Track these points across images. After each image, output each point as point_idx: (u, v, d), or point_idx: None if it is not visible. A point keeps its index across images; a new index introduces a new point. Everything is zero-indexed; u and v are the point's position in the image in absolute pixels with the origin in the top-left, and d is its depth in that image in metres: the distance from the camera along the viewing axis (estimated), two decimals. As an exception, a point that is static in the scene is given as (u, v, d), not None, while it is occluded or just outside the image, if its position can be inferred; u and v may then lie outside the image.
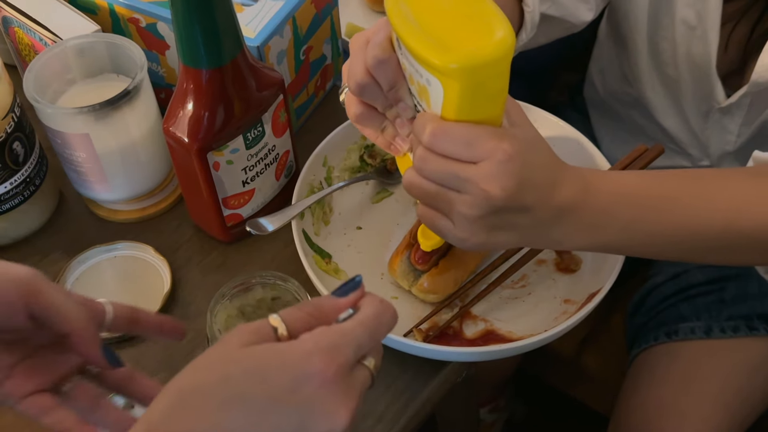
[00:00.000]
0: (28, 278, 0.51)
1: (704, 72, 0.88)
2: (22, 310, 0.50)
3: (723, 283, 0.98)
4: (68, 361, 0.55)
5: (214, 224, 0.78)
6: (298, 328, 0.45)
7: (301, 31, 0.82)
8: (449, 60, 0.50)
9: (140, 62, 0.75)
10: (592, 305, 0.70)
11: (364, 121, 0.62)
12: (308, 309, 0.47)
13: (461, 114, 0.53)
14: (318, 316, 0.46)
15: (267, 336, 0.45)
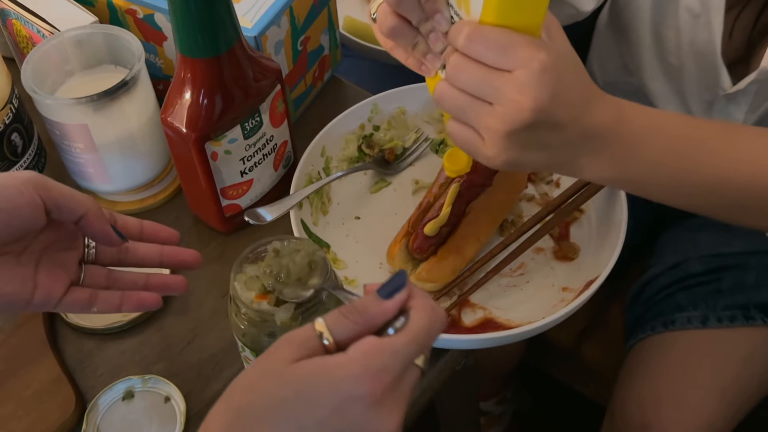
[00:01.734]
0: (36, 177, 0.54)
1: (709, 60, 0.88)
2: (42, 206, 0.53)
3: (720, 273, 0.98)
4: (73, 256, 0.58)
5: (213, 215, 0.78)
6: (344, 336, 0.45)
7: (298, 21, 0.82)
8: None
9: (138, 53, 0.75)
10: (590, 292, 0.70)
11: (396, 36, 0.59)
12: (354, 317, 0.46)
13: (500, 18, 0.51)
14: (364, 323, 0.46)
15: (314, 348, 0.45)
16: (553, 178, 0.83)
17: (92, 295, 0.58)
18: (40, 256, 0.56)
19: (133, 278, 0.62)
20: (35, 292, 0.56)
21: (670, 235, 1.08)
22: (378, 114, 0.86)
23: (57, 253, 0.57)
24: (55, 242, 0.57)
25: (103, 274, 0.60)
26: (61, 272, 0.57)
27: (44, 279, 0.56)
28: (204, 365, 0.72)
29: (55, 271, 0.57)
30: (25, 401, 0.69)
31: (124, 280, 0.61)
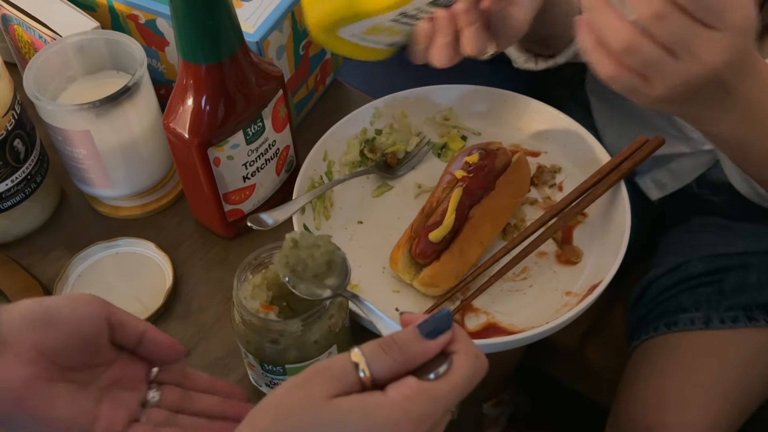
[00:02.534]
0: (96, 296, 0.54)
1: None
2: (105, 319, 0.53)
3: (723, 274, 0.98)
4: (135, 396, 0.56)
5: (216, 220, 0.78)
6: (381, 372, 0.44)
7: (300, 26, 0.82)
8: None
9: (140, 58, 0.75)
10: (593, 297, 0.70)
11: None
12: (394, 353, 0.44)
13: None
14: (404, 361, 0.44)
15: (351, 383, 0.44)
16: (556, 182, 0.83)
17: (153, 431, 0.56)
18: (104, 392, 0.55)
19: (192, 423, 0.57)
20: (96, 423, 0.54)
21: (671, 236, 1.08)
22: (380, 118, 0.86)
23: (121, 392, 0.56)
24: (120, 380, 0.56)
25: (164, 416, 0.57)
26: (123, 410, 0.55)
27: (106, 411, 0.54)
28: (207, 371, 0.71)
29: (118, 408, 0.55)
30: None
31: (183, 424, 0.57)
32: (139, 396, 0.57)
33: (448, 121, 0.88)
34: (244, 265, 0.63)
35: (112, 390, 0.56)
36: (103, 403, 0.55)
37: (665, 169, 1.02)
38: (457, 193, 0.75)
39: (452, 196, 0.75)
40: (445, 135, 0.87)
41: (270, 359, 0.63)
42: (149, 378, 0.58)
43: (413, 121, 0.88)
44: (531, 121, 0.86)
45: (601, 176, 0.77)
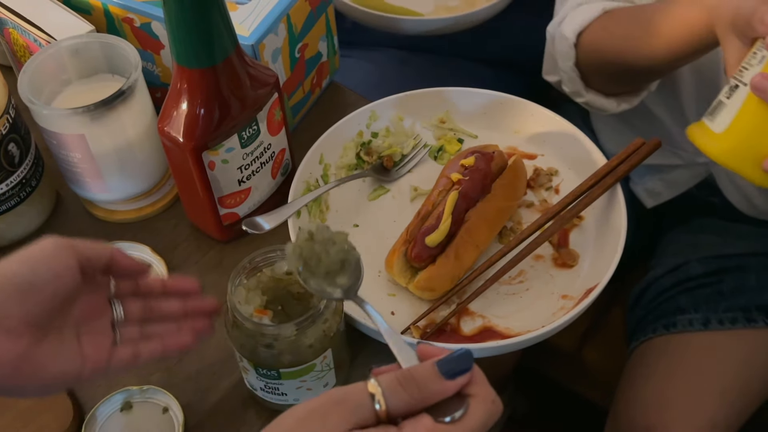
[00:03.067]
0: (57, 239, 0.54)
1: (709, 78, 0.88)
2: (76, 266, 0.54)
3: (721, 276, 0.98)
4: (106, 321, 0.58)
5: (211, 223, 0.78)
6: (397, 407, 0.44)
7: (295, 29, 0.82)
8: None
9: (135, 62, 0.75)
10: (589, 300, 0.70)
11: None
12: (411, 390, 0.44)
13: None
14: (421, 399, 0.45)
15: (366, 416, 0.44)
16: (553, 185, 0.83)
17: (134, 352, 0.58)
18: (78, 327, 0.56)
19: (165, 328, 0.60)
20: (85, 366, 0.56)
21: (670, 237, 1.08)
22: (376, 121, 0.86)
23: (93, 322, 0.57)
24: (89, 309, 0.57)
25: (136, 331, 0.59)
26: (101, 338, 0.57)
27: (90, 350, 0.56)
28: (202, 375, 0.72)
29: (96, 338, 0.57)
30: (23, 413, 0.69)
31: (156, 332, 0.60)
32: (107, 319, 0.58)
33: (444, 124, 0.87)
34: (238, 269, 0.63)
35: (85, 323, 0.56)
36: (83, 342, 0.56)
37: (659, 179, 1.03)
38: (453, 196, 0.75)
39: (448, 199, 0.74)
40: (441, 138, 0.87)
41: (264, 364, 0.63)
42: (109, 296, 0.59)
43: (409, 124, 0.87)
44: (528, 124, 0.86)
45: (597, 179, 0.77)
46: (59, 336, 0.55)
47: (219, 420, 0.69)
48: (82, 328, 0.56)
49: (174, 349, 0.60)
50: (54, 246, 0.54)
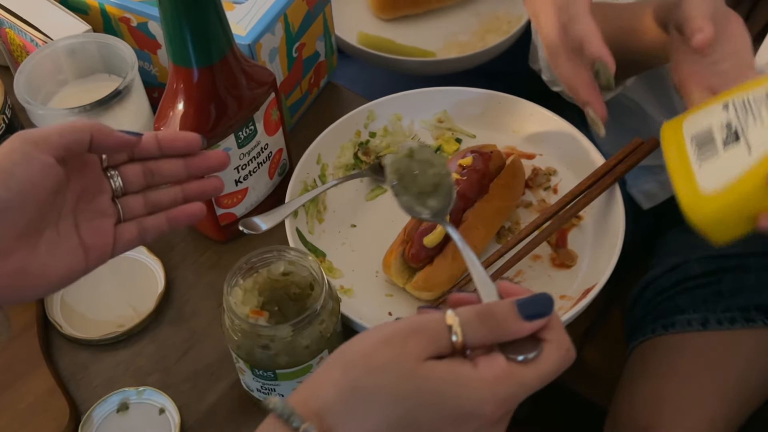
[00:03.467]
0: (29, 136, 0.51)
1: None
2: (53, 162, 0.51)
3: (720, 275, 0.98)
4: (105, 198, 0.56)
5: (208, 224, 0.78)
6: (474, 340, 0.44)
7: (293, 28, 0.82)
8: None
9: (131, 61, 0.75)
10: (587, 301, 0.70)
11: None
12: (490, 325, 0.45)
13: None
14: (498, 335, 0.45)
15: (443, 346, 0.44)
16: (551, 185, 0.82)
17: (140, 228, 0.57)
18: (75, 215, 0.54)
19: (170, 195, 0.59)
20: (89, 257, 0.54)
21: (669, 237, 1.08)
22: (374, 121, 0.86)
23: (89, 204, 0.55)
24: (82, 193, 0.54)
25: (140, 201, 0.58)
26: (102, 221, 0.55)
27: (91, 239, 0.54)
28: (199, 376, 0.71)
29: (96, 223, 0.55)
30: (20, 414, 0.69)
31: (162, 201, 0.59)
32: (107, 195, 0.56)
33: (442, 124, 0.87)
34: (234, 270, 0.63)
35: (82, 208, 0.55)
36: (83, 231, 0.54)
37: (654, 180, 1.02)
38: (450, 196, 0.74)
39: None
40: (439, 137, 0.87)
41: (261, 364, 0.63)
42: (103, 167, 0.56)
43: (407, 124, 0.87)
44: (526, 124, 0.86)
45: (595, 179, 0.77)
46: (55, 233, 0.53)
47: (215, 421, 0.69)
48: (80, 214, 0.54)
49: (183, 222, 0.58)
50: (22, 151, 0.50)
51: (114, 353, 0.73)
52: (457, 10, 1.12)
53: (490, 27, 1.09)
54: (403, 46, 1.09)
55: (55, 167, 0.51)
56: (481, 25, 1.10)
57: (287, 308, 0.64)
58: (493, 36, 1.07)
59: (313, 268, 0.63)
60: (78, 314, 0.75)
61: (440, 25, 1.11)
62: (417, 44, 1.09)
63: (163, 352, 0.73)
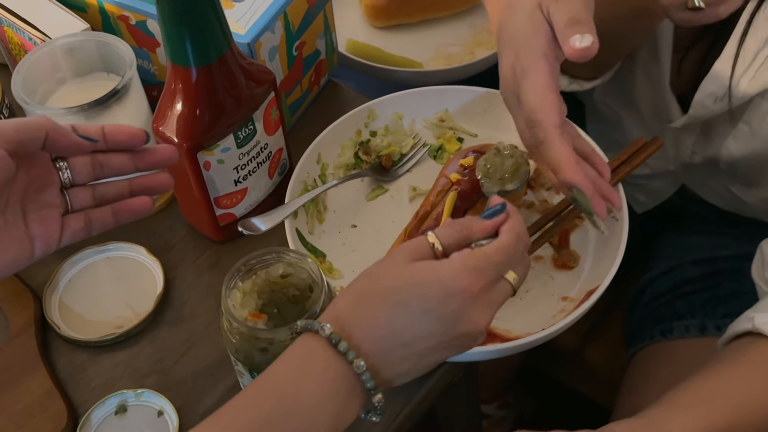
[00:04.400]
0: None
1: (659, 91, 0.88)
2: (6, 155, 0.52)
3: (718, 279, 0.97)
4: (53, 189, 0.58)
5: (207, 224, 0.77)
6: (450, 244, 0.54)
7: (293, 26, 0.81)
8: None
9: (130, 60, 0.74)
10: (590, 303, 0.69)
11: None
12: (458, 227, 0.55)
13: None
14: (467, 234, 0.55)
15: (426, 253, 0.54)
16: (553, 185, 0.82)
17: (86, 220, 0.59)
18: (23, 205, 0.55)
19: (117, 188, 0.61)
20: (34, 246, 0.55)
21: (664, 239, 1.07)
22: (375, 120, 0.85)
23: (38, 194, 0.56)
24: (31, 183, 0.55)
25: (88, 193, 0.59)
26: (49, 211, 0.56)
27: (37, 228, 0.55)
28: (198, 378, 0.71)
29: (44, 214, 0.56)
30: (17, 415, 0.68)
31: (109, 193, 0.60)
32: (55, 186, 0.57)
33: (443, 123, 0.86)
34: (232, 272, 0.62)
35: (30, 198, 0.55)
36: (30, 221, 0.55)
37: (641, 190, 1.02)
38: (451, 197, 0.74)
39: (447, 200, 0.73)
40: (440, 137, 0.86)
41: (260, 367, 0.62)
42: (52, 158, 0.57)
43: (408, 123, 0.86)
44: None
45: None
46: (1, 222, 0.54)
47: (214, 423, 0.69)
48: (28, 204, 0.55)
49: (127, 217, 0.60)
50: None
51: (112, 354, 0.73)
52: (452, 22, 1.11)
53: (481, 40, 1.08)
54: (392, 55, 1.08)
55: (5, 159, 0.52)
56: (473, 37, 1.09)
57: (286, 310, 0.64)
58: (482, 50, 1.06)
59: (312, 269, 0.62)
60: (76, 315, 0.74)
61: (433, 35, 1.10)
62: (407, 54, 1.08)
63: (162, 354, 0.73)
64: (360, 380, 0.51)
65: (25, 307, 0.74)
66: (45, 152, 0.56)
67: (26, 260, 0.56)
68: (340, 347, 0.51)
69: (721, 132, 0.85)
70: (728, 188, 0.92)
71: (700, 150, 0.90)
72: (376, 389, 0.52)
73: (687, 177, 0.98)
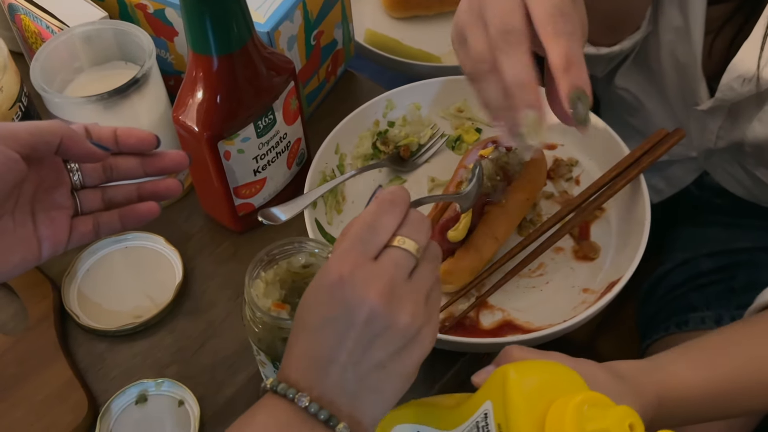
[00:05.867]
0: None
1: (689, 72, 0.87)
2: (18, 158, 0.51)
3: (733, 271, 0.97)
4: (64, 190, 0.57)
5: (226, 214, 0.77)
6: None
7: (311, 15, 0.81)
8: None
9: (148, 49, 0.73)
10: (612, 294, 0.69)
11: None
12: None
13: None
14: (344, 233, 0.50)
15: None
16: (573, 175, 0.81)
17: (95, 223, 0.58)
18: (32, 205, 0.55)
19: (125, 192, 0.60)
20: (42, 248, 0.55)
21: (679, 231, 1.07)
22: (392, 110, 0.85)
23: (48, 195, 0.56)
24: (42, 183, 0.55)
25: (98, 195, 0.59)
26: (58, 213, 0.56)
27: (46, 230, 0.55)
28: (218, 368, 0.71)
29: (53, 215, 0.56)
30: (37, 406, 0.68)
31: (118, 197, 0.60)
32: (66, 187, 0.57)
33: (462, 113, 0.86)
34: (255, 262, 0.62)
35: (38, 196, 0.55)
36: (39, 222, 0.55)
37: (660, 176, 1.01)
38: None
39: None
40: (459, 127, 0.86)
41: (282, 357, 0.62)
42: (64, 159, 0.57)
43: (427, 113, 0.86)
44: (547, 113, 0.84)
45: (620, 170, 0.75)
46: (11, 222, 0.53)
47: (235, 413, 0.68)
48: (38, 204, 0.55)
49: (134, 222, 0.60)
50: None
51: (131, 344, 0.73)
52: None
53: None
54: (409, 47, 1.07)
55: (19, 163, 0.51)
56: None
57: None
58: None
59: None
60: (95, 305, 0.74)
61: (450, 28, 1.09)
62: (424, 46, 1.07)
63: (181, 344, 0.72)
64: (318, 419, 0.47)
65: (44, 297, 0.74)
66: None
67: (33, 261, 0.55)
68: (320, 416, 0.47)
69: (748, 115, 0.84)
70: (752, 173, 0.91)
71: (725, 134, 0.89)
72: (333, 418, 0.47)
73: (708, 164, 0.97)
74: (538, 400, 0.47)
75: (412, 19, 1.11)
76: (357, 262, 0.47)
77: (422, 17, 1.11)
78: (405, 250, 0.48)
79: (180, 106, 0.69)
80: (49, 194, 0.56)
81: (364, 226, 0.49)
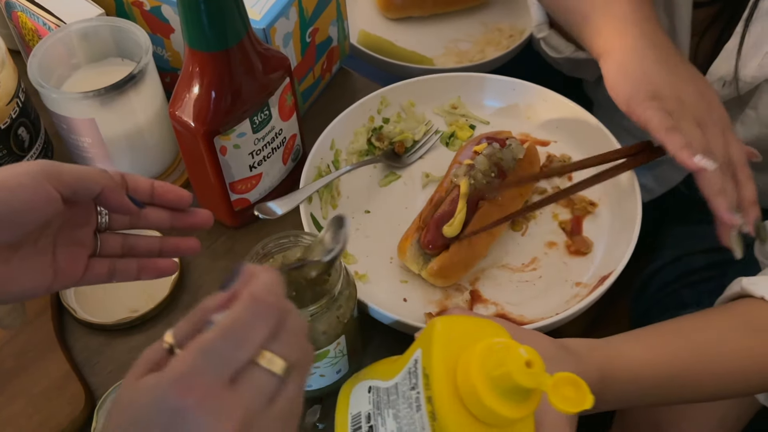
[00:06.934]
0: (48, 167, 0.52)
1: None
2: (58, 198, 0.52)
3: (725, 268, 0.97)
4: (88, 230, 0.58)
5: (222, 209, 0.78)
6: (181, 334, 0.41)
7: (306, 13, 0.81)
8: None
9: (145, 46, 0.74)
10: (604, 288, 0.69)
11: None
12: (193, 316, 0.42)
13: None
14: (201, 315, 0.42)
15: (160, 360, 0.41)
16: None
17: (111, 267, 0.58)
18: (56, 237, 0.55)
19: (147, 245, 0.60)
20: (56, 278, 0.55)
21: (671, 228, 1.07)
22: (387, 106, 0.85)
23: (73, 231, 0.56)
24: (71, 219, 0.56)
25: (119, 241, 0.59)
26: (79, 250, 0.56)
27: (63, 263, 0.55)
28: (214, 362, 0.71)
29: (73, 250, 0.56)
30: (35, 398, 0.68)
31: (139, 247, 0.60)
32: (91, 227, 0.57)
33: (456, 110, 0.87)
34: (251, 256, 0.62)
35: (64, 230, 0.56)
36: (59, 254, 0.55)
37: (650, 175, 1.02)
38: (465, 183, 0.74)
39: (461, 187, 0.74)
40: (453, 124, 0.86)
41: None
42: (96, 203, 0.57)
43: (421, 110, 0.87)
44: (540, 110, 0.85)
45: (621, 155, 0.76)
46: (33, 250, 0.54)
47: (231, 406, 0.69)
48: (61, 238, 0.55)
49: (151, 275, 0.60)
50: (34, 178, 0.50)
51: (128, 338, 0.73)
52: (463, 17, 1.11)
53: (491, 39, 1.08)
54: (403, 49, 1.08)
55: (58, 202, 0.52)
56: (484, 35, 1.09)
57: (304, 294, 0.64)
58: (491, 49, 1.07)
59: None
60: (92, 299, 0.75)
61: (444, 30, 1.10)
62: (418, 48, 1.08)
63: (178, 338, 0.73)
64: None
65: (41, 291, 0.74)
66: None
67: (43, 291, 0.55)
68: None
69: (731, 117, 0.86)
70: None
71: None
72: None
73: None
74: (456, 347, 0.48)
75: (407, 20, 1.12)
76: (209, 390, 0.38)
77: (417, 18, 1.11)
78: (270, 373, 0.40)
79: (176, 101, 0.70)
80: (74, 230, 0.56)
81: (227, 337, 0.39)
